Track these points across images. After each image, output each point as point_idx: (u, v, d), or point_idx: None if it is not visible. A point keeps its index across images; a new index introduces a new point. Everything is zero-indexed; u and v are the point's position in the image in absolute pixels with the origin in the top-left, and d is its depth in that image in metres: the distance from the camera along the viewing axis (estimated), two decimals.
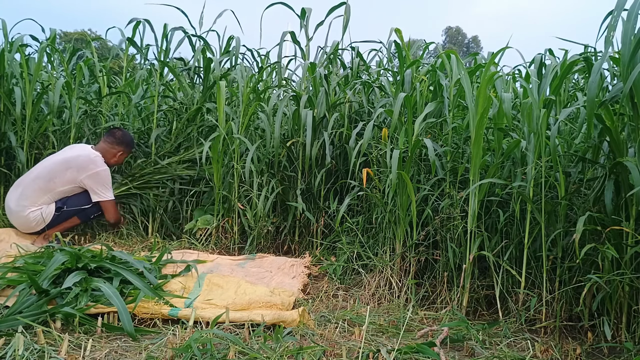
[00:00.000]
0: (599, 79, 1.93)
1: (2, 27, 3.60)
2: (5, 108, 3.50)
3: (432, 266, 2.49)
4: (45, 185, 3.00)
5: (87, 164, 3.06)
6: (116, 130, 3.30)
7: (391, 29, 3.06)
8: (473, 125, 2.16)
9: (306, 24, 3.42)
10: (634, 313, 1.88)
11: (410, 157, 2.41)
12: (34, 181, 3.01)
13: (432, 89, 2.82)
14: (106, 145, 3.24)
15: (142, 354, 1.57)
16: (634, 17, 1.76)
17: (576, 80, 3.19)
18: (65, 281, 1.88)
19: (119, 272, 2.03)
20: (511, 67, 3.26)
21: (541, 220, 2.08)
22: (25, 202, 2.97)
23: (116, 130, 3.30)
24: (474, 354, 1.79)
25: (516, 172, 2.31)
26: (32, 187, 2.99)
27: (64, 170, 3.04)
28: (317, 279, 2.67)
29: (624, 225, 1.85)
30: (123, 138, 3.28)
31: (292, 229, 3.23)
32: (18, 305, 1.74)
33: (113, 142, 3.25)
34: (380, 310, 2.22)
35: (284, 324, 1.86)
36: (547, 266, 2.09)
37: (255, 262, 2.75)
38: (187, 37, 3.67)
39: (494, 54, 2.50)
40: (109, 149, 3.24)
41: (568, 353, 1.82)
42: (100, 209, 3.15)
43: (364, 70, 3.61)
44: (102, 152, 3.20)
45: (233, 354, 1.55)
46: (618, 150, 1.92)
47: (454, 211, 2.36)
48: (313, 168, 3.13)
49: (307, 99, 3.19)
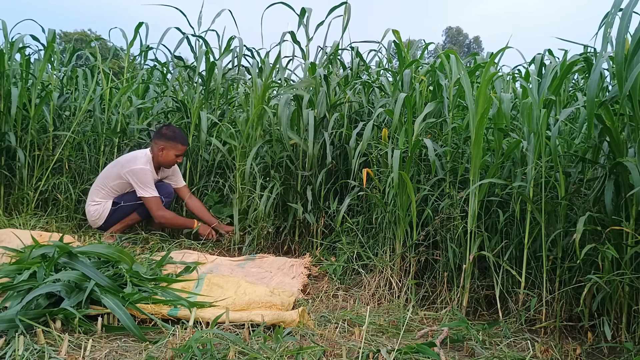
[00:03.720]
0: (599, 79, 1.93)
1: (2, 27, 3.61)
2: (6, 108, 3.50)
3: (432, 266, 2.49)
4: (101, 182, 3.29)
5: (128, 160, 3.26)
6: (162, 127, 3.32)
7: (386, 29, 3.07)
8: (473, 125, 2.16)
9: (306, 24, 3.42)
10: (634, 313, 1.87)
11: (410, 157, 2.40)
12: (97, 178, 3.36)
13: (432, 89, 2.82)
14: (153, 143, 3.30)
15: (142, 354, 1.57)
16: (627, 17, 1.75)
17: (576, 80, 3.19)
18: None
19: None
20: (512, 67, 3.26)
21: (541, 221, 2.07)
22: (89, 197, 3.30)
23: (162, 127, 3.32)
24: (474, 354, 1.79)
25: (516, 172, 2.31)
26: (94, 184, 3.33)
27: (113, 167, 3.31)
28: (317, 279, 2.67)
29: (624, 225, 1.85)
30: (165, 132, 3.27)
31: (293, 229, 3.23)
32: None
33: (156, 138, 3.28)
34: (380, 311, 2.22)
35: (284, 324, 1.86)
36: (547, 266, 2.09)
37: (255, 262, 2.75)
38: (186, 38, 3.67)
39: (493, 54, 2.50)
40: (154, 146, 3.28)
41: (568, 353, 1.82)
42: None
43: (364, 71, 3.61)
44: (152, 151, 3.30)
45: (233, 354, 1.55)
46: (618, 150, 1.92)
47: (454, 211, 2.36)
48: (314, 168, 3.13)
49: (308, 99, 3.19)
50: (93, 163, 3.82)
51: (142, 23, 4.01)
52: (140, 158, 3.25)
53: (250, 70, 3.44)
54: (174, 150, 3.28)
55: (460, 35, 46.13)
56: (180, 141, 3.29)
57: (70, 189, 3.58)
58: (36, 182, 3.60)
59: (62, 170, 3.73)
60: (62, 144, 3.69)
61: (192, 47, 3.74)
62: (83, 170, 3.78)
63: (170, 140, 3.26)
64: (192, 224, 3.28)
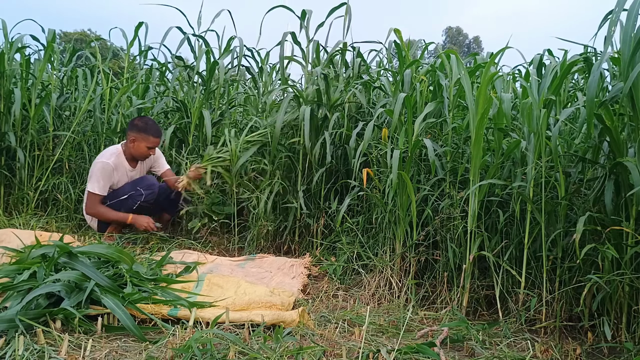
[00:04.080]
0: (599, 79, 1.93)
1: (2, 27, 3.61)
2: (6, 108, 3.50)
3: (432, 266, 2.49)
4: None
5: (99, 155, 3.20)
6: (135, 118, 3.24)
7: (390, 29, 3.06)
8: (473, 125, 2.16)
9: (307, 25, 3.41)
10: (634, 313, 1.87)
11: (410, 157, 2.40)
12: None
13: (432, 89, 2.82)
14: (126, 136, 3.21)
15: (142, 354, 1.57)
16: (634, 16, 1.75)
17: (576, 80, 3.19)
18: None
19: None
20: (511, 67, 3.26)
21: (541, 221, 2.07)
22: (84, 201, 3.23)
23: (135, 118, 3.24)
24: (474, 354, 1.79)
25: (516, 172, 2.31)
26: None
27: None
28: (317, 279, 2.67)
29: (624, 225, 1.85)
30: (137, 123, 3.16)
31: (293, 229, 3.22)
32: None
33: (128, 130, 3.20)
34: (380, 311, 2.22)
35: (284, 324, 1.86)
36: (547, 266, 2.09)
37: (255, 262, 2.75)
38: (186, 38, 3.67)
39: (494, 54, 2.50)
40: (127, 140, 3.19)
41: (568, 353, 1.82)
42: (137, 199, 3.16)
43: (365, 71, 3.60)
44: (124, 144, 3.23)
45: (233, 354, 1.55)
46: (618, 150, 1.92)
47: (454, 211, 2.36)
48: (314, 168, 3.13)
49: (309, 99, 3.19)
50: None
51: (141, 23, 4.01)
52: (108, 152, 3.17)
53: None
54: (145, 142, 3.14)
55: (460, 35, 46.14)
56: (151, 133, 3.14)
57: (70, 189, 3.58)
58: (36, 182, 3.60)
59: (62, 170, 3.73)
60: (62, 144, 3.69)
61: (191, 47, 3.74)
62: (83, 170, 3.78)
63: (142, 132, 3.12)
64: (125, 218, 3.12)
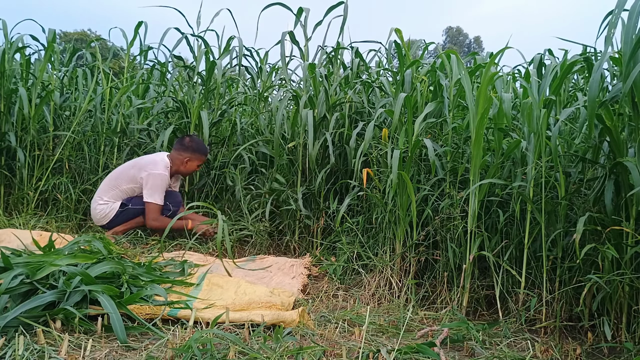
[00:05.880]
0: (599, 79, 1.93)
1: (2, 27, 3.61)
2: (6, 108, 3.50)
3: (432, 266, 2.48)
4: (113, 182, 3.26)
5: (147, 164, 3.23)
6: (185, 137, 3.33)
7: (391, 29, 3.06)
8: (473, 125, 2.16)
9: (304, 23, 3.41)
10: (634, 313, 1.87)
11: (410, 157, 2.40)
12: (108, 177, 3.32)
13: (432, 89, 2.81)
14: (175, 152, 3.30)
15: (142, 354, 1.57)
16: (635, 16, 1.75)
17: (576, 81, 3.19)
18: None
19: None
20: (512, 67, 3.26)
21: (541, 221, 2.07)
22: (97, 195, 3.26)
23: (185, 137, 3.33)
24: (474, 354, 1.79)
25: (516, 172, 2.31)
26: (104, 182, 3.30)
27: (130, 168, 3.27)
28: (317, 279, 2.67)
29: (624, 225, 1.85)
30: (191, 144, 3.29)
31: (292, 229, 3.22)
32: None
33: (180, 149, 3.29)
34: (380, 310, 2.22)
35: (284, 324, 1.86)
36: (547, 266, 2.09)
37: (255, 263, 2.75)
38: (185, 38, 3.67)
39: (494, 54, 2.50)
40: (177, 156, 3.29)
41: (568, 353, 1.82)
42: (164, 213, 3.22)
43: (364, 71, 3.61)
44: (172, 159, 3.29)
45: (233, 354, 1.55)
46: (618, 150, 1.92)
47: (454, 211, 2.36)
48: (313, 168, 3.13)
49: (308, 99, 3.19)
50: (93, 163, 3.82)
51: (141, 23, 4.01)
52: (160, 163, 3.25)
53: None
54: (197, 161, 3.34)
55: (460, 35, 46.15)
56: (203, 152, 3.35)
57: (70, 189, 3.58)
58: (36, 182, 3.60)
59: (62, 170, 3.73)
60: (62, 144, 3.69)
61: (191, 47, 3.74)
62: (83, 170, 3.78)
63: (196, 152, 3.30)
64: (186, 224, 3.19)
